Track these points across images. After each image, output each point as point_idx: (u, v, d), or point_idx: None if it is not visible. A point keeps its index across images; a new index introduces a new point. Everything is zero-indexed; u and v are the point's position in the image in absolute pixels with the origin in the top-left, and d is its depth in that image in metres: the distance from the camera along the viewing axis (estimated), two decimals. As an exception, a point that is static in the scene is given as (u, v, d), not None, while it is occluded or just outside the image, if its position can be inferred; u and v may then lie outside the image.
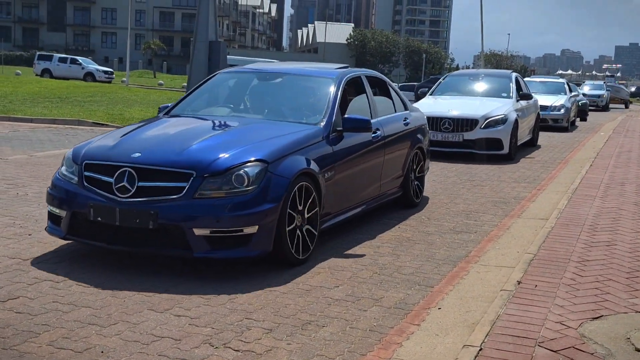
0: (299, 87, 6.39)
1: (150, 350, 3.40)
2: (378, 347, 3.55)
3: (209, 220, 4.44)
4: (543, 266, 4.90)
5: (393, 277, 4.81)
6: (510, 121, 11.69)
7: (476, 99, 12.84)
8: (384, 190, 6.62)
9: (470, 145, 11.54)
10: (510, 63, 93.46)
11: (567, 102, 19.69)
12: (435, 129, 11.50)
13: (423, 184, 7.63)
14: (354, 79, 6.54)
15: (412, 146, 7.17)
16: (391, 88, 7.35)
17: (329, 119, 5.63)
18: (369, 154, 6.10)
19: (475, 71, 16.44)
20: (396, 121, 6.96)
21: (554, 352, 3.35)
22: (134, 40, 77.85)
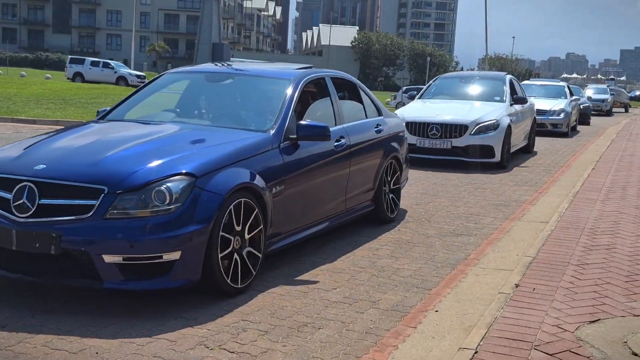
0: (251, 89, 5.72)
1: (145, 351, 3.40)
2: (374, 349, 3.54)
3: (121, 245, 3.77)
4: (542, 269, 4.88)
5: (391, 279, 4.80)
6: (503, 127, 10.98)
7: (467, 103, 12.03)
8: (351, 205, 5.92)
9: (460, 152, 10.79)
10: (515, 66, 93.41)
11: (567, 106, 19.01)
12: (422, 135, 10.88)
13: (399, 197, 6.91)
14: (315, 81, 5.87)
15: (385, 156, 6.45)
16: (362, 91, 6.66)
17: (281, 126, 4.94)
18: (330, 165, 5.41)
19: (467, 73, 15.67)
20: (366, 128, 6.24)
21: (549, 356, 3.34)
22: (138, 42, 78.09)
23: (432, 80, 14.13)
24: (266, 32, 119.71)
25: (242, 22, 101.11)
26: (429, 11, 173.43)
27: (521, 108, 12.64)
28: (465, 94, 12.85)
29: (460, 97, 12.67)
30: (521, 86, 14.25)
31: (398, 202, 6.88)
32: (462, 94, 12.86)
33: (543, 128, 17.72)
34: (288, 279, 4.69)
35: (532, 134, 13.92)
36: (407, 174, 7.37)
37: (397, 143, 6.84)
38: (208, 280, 4.06)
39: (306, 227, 5.20)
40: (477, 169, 10.67)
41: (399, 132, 7.02)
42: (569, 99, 19.78)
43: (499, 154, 10.83)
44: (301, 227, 5.13)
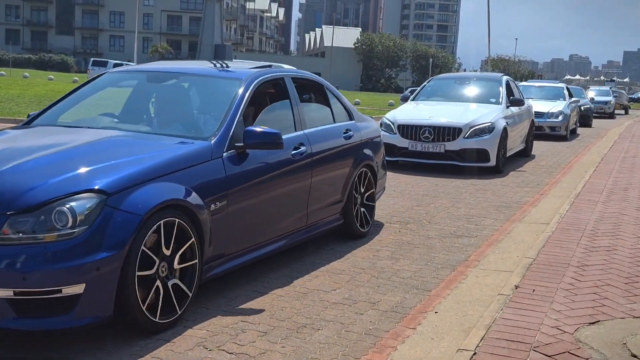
0: (196, 90, 5.12)
1: (144, 352, 3.40)
2: (372, 350, 3.54)
3: (12, 277, 3.15)
4: (542, 271, 4.87)
5: (391, 280, 4.80)
6: (498, 130, 10.51)
7: (461, 105, 11.56)
8: (315, 220, 5.31)
9: (453, 156, 10.35)
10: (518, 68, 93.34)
11: (566, 108, 18.30)
12: (414, 138, 10.51)
13: (373, 210, 6.26)
14: (272, 82, 5.24)
15: (356, 164, 5.83)
16: (331, 93, 6.02)
17: (225, 133, 4.32)
18: (287, 176, 4.81)
19: (462, 74, 15.04)
20: (332, 134, 5.64)
21: (548, 357, 3.33)
22: (141, 44, 78.25)
23: (426, 82, 13.68)
24: (269, 34, 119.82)
25: (244, 23, 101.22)
26: (432, 13, 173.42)
27: (518, 110, 12.18)
28: (460, 96, 12.37)
29: (455, 98, 12.21)
30: (518, 88, 13.79)
31: (372, 214, 6.25)
32: (456, 96, 12.39)
33: (541, 131, 17.25)
34: (287, 280, 4.69)
35: (530, 137, 13.52)
36: (384, 183, 6.77)
37: (371, 150, 6.22)
38: (123, 316, 3.46)
39: (258, 247, 4.58)
40: (473, 174, 10.31)
41: (373, 137, 6.36)
42: (567, 101, 19.17)
43: (494, 158, 10.41)
44: (251, 247, 4.50)
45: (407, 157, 10.56)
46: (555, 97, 19.42)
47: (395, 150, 10.56)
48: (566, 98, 19.38)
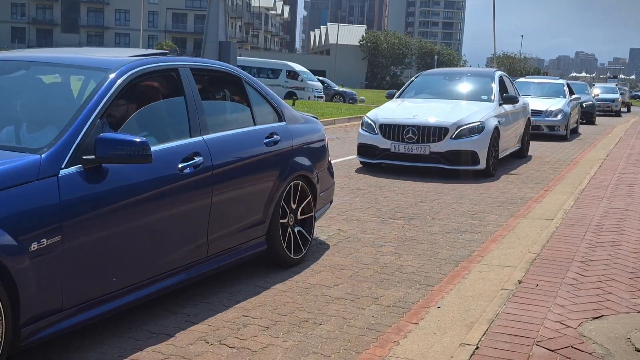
0: (47, 85, 3.98)
1: (145, 346, 3.39)
2: (374, 345, 3.53)
3: None
4: (545, 266, 4.85)
5: (394, 276, 4.78)
6: (489, 129, 9.65)
7: (449, 103, 10.58)
8: (222, 249, 4.20)
9: (439, 159, 9.45)
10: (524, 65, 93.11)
11: (565, 106, 17.10)
12: (397, 139, 9.60)
13: (311, 230, 5.13)
14: (159, 74, 4.05)
15: (284, 176, 4.74)
16: (252, 88, 4.87)
17: (66, 142, 3.26)
18: (170, 196, 3.71)
19: (452, 70, 13.91)
20: (247, 140, 4.51)
21: (551, 352, 3.31)
22: (146, 42, 78.38)
23: (413, 77, 12.65)
24: (274, 31, 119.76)
25: (249, 21, 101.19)
26: (437, 10, 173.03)
27: (512, 108, 11.31)
28: (449, 93, 11.39)
29: (444, 95, 11.25)
30: (514, 84, 12.88)
31: (309, 236, 5.08)
32: (445, 93, 11.40)
33: (538, 131, 16.39)
34: (290, 275, 4.68)
35: (526, 137, 12.65)
36: (330, 195, 5.71)
37: (308, 157, 5.14)
38: None
39: (123, 293, 3.48)
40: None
41: (311, 142, 5.30)
42: (568, 98, 18.06)
43: (484, 161, 9.52)
44: (111, 294, 3.41)
45: (389, 159, 9.76)
46: (554, 94, 18.44)
47: (377, 151, 9.79)
48: (566, 95, 18.39)
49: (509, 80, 12.35)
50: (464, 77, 12.03)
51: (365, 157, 9.95)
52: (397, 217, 6.76)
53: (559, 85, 19.19)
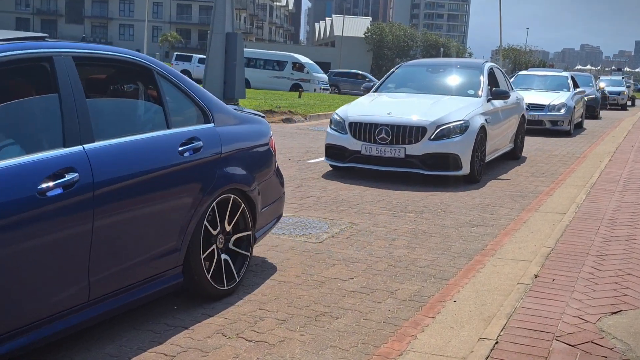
0: None
1: (163, 339, 3.39)
2: (392, 339, 3.51)
3: None
4: (561, 260, 4.82)
5: (408, 269, 4.76)
6: (473, 129, 8.39)
7: (430, 99, 9.22)
8: (117, 287, 3.31)
9: (415, 163, 8.18)
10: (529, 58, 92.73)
11: (569, 100, 16.22)
12: (368, 139, 8.35)
13: (246, 256, 4.23)
14: (26, 64, 3.14)
15: (207, 191, 3.83)
16: (167, 81, 3.88)
17: None
18: (29, 227, 2.83)
19: (437, 61, 12.32)
20: (153, 149, 3.58)
21: (571, 347, 3.29)
22: (151, 33, 78.34)
23: (393, 68, 11.24)
24: (279, 23, 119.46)
25: (254, 12, 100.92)
26: (442, 2, 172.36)
27: (502, 104, 9.97)
28: (431, 87, 10.05)
29: (426, 89, 9.91)
30: (506, 77, 11.52)
31: (243, 263, 4.21)
32: (428, 87, 10.07)
33: (541, 126, 15.75)
34: (304, 268, 4.66)
35: (520, 136, 11.29)
36: (278, 210, 4.79)
37: (245, 166, 4.23)
38: None
39: None
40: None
41: (249, 147, 4.37)
42: (572, 92, 17.09)
43: (467, 165, 8.29)
44: None
45: (359, 162, 8.48)
46: (558, 87, 17.59)
47: (346, 154, 8.52)
48: (570, 88, 17.46)
49: (501, 73, 11.14)
50: (449, 69, 10.66)
51: (334, 160, 8.75)
52: (408, 210, 6.73)
53: (563, 78, 18.31)
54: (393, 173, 8.53)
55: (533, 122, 15.36)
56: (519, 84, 17.60)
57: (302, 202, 6.93)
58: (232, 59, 18.26)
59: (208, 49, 18.81)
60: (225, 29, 18.28)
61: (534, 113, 15.50)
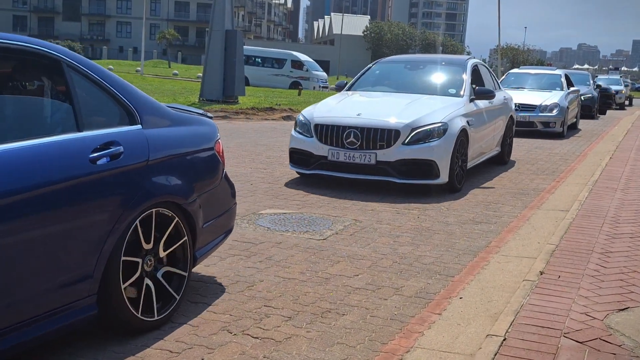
0: None
1: (168, 336, 3.36)
2: (399, 335, 3.49)
3: None
4: (565, 257, 4.81)
5: (413, 266, 4.74)
6: (453, 132, 7.51)
7: (406, 98, 8.32)
8: (11, 321, 2.70)
9: (387, 170, 7.31)
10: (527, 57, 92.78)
11: (562, 100, 15.40)
12: (335, 144, 7.46)
13: (183, 280, 3.64)
14: None
15: (130, 205, 3.21)
16: (81, 75, 3.24)
17: None
18: None
19: (416, 57, 11.25)
20: (52, 156, 2.91)
21: (580, 344, 3.28)
22: (148, 30, 78.15)
23: (370, 64, 10.33)
24: (277, 21, 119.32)
25: (252, 10, 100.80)
26: (441, 1, 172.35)
27: (487, 105, 9.08)
28: (409, 85, 9.16)
29: (403, 88, 9.04)
30: (493, 75, 10.65)
31: (180, 287, 3.62)
32: (405, 85, 9.19)
33: (532, 127, 15.05)
34: (308, 265, 4.64)
35: (508, 139, 10.43)
36: (228, 223, 4.20)
37: (181, 175, 3.63)
38: None
39: None
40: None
41: (187, 152, 3.75)
42: (565, 91, 16.28)
43: (446, 172, 7.40)
44: None
45: (325, 169, 7.59)
46: (551, 86, 16.73)
47: (312, 159, 7.66)
48: (564, 87, 16.62)
49: (487, 70, 10.30)
50: (429, 66, 9.71)
51: (299, 166, 7.87)
52: (411, 208, 6.71)
53: (556, 77, 17.39)
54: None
55: (523, 123, 14.78)
56: (510, 83, 17.08)
57: (305, 199, 6.91)
58: (232, 57, 18.24)
59: (207, 46, 18.77)
60: (225, 26, 18.25)
61: (524, 114, 14.91)
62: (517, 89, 16.10)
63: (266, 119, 16.42)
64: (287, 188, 7.45)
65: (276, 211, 6.26)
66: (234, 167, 8.78)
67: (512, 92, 13.58)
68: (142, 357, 3.13)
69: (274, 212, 6.20)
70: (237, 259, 4.70)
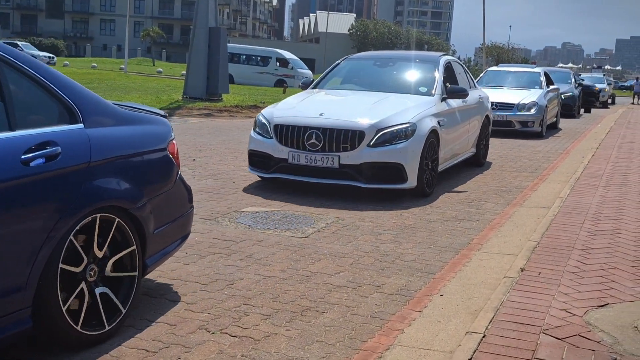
0: None
1: (145, 335, 3.31)
2: (379, 333, 3.47)
3: None
4: (546, 254, 4.82)
5: (395, 263, 4.73)
6: (422, 133, 7.02)
7: (374, 97, 7.87)
8: None
9: (352, 174, 6.80)
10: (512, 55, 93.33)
11: (541, 99, 14.97)
12: (296, 145, 6.95)
13: (131, 288, 3.43)
14: None
15: (69, 211, 2.96)
16: (13, 70, 3.00)
17: None
18: None
19: (386, 53, 10.57)
20: None
21: (559, 340, 3.27)
22: (132, 28, 77.60)
23: (338, 61, 9.71)
24: (262, 19, 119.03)
25: (237, 8, 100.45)
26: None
27: (461, 104, 8.60)
28: (378, 83, 8.65)
29: (371, 86, 8.55)
30: (468, 73, 10.14)
31: (126, 298, 3.39)
32: (374, 83, 8.69)
33: (509, 127, 14.58)
34: (289, 263, 4.61)
35: (484, 140, 9.93)
36: (183, 229, 3.96)
37: (128, 177, 3.38)
38: None
39: None
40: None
41: (136, 153, 3.50)
42: (544, 89, 15.85)
43: (414, 176, 6.90)
44: None
45: (286, 173, 7.09)
46: (529, 84, 16.26)
47: (272, 162, 7.15)
48: (543, 86, 16.13)
49: (461, 68, 9.82)
50: (399, 62, 9.25)
51: (258, 169, 7.37)
52: (394, 205, 6.70)
53: (535, 75, 16.86)
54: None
55: (500, 123, 14.34)
56: (488, 81, 16.66)
57: (287, 196, 6.87)
58: (216, 54, 18.15)
59: (191, 43, 18.67)
60: (209, 23, 18.15)
61: (501, 113, 14.45)
62: (495, 87, 15.70)
63: (250, 117, 16.35)
64: (270, 186, 7.40)
65: (258, 209, 6.22)
66: (216, 164, 8.73)
67: (489, 90, 13.34)
68: (117, 356, 3.08)
69: (255, 210, 6.15)
70: (218, 257, 4.65)
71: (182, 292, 3.94)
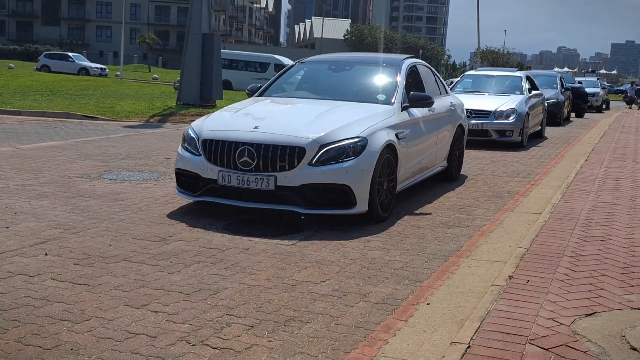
0: None
1: (123, 347, 3.24)
2: (363, 343, 3.41)
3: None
4: (536, 261, 4.76)
5: (382, 271, 4.67)
6: (374, 149, 6.01)
7: (321, 106, 6.80)
8: None
9: (290, 198, 5.82)
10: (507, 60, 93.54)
11: (521, 106, 13.55)
12: (227, 164, 5.97)
13: None
14: None
15: None
16: None
17: None
18: None
19: (342, 56, 8.70)
20: None
21: (545, 350, 3.21)
22: (129, 35, 77.63)
23: (289, 65, 8.72)
24: (258, 25, 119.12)
25: (233, 14, 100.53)
26: (421, 4, 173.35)
27: (426, 113, 7.57)
28: (331, 90, 7.58)
29: (324, 93, 7.49)
30: (437, 76, 9.03)
31: None
32: (326, 90, 7.63)
33: (486, 137, 13.20)
34: (275, 271, 4.54)
35: (458, 152, 8.97)
36: None
37: None
38: None
39: None
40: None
41: None
42: (525, 95, 14.44)
43: (365, 199, 5.92)
44: None
45: (215, 196, 6.10)
46: (510, 89, 14.88)
47: (201, 183, 6.16)
48: (524, 91, 14.73)
49: (430, 72, 8.71)
50: (357, 66, 8.13)
51: (185, 191, 6.37)
52: (383, 212, 6.63)
53: (516, 79, 15.37)
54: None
55: (476, 132, 13.00)
56: (466, 87, 15.57)
57: (276, 204, 6.80)
58: (209, 60, 18.11)
59: (184, 50, 18.63)
60: (202, 29, 18.12)
61: (477, 121, 13.07)
62: (471, 93, 14.63)
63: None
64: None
65: (245, 216, 6.15)
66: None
67: (464, 96, 12.68)
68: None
69: (242, 217, 6.09)
70: (202, 265, 4.59)
71: (164, 302, 3.87)
